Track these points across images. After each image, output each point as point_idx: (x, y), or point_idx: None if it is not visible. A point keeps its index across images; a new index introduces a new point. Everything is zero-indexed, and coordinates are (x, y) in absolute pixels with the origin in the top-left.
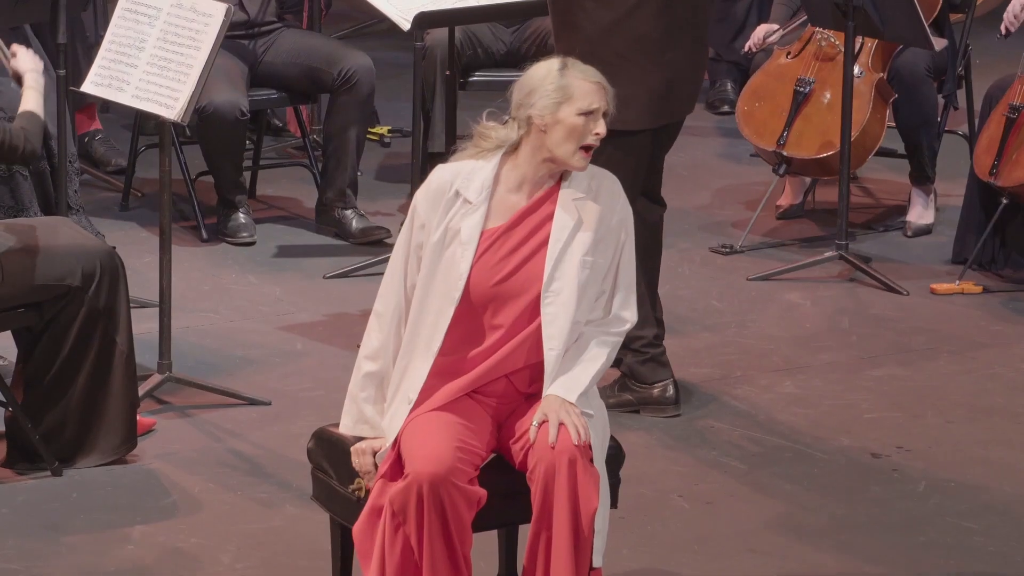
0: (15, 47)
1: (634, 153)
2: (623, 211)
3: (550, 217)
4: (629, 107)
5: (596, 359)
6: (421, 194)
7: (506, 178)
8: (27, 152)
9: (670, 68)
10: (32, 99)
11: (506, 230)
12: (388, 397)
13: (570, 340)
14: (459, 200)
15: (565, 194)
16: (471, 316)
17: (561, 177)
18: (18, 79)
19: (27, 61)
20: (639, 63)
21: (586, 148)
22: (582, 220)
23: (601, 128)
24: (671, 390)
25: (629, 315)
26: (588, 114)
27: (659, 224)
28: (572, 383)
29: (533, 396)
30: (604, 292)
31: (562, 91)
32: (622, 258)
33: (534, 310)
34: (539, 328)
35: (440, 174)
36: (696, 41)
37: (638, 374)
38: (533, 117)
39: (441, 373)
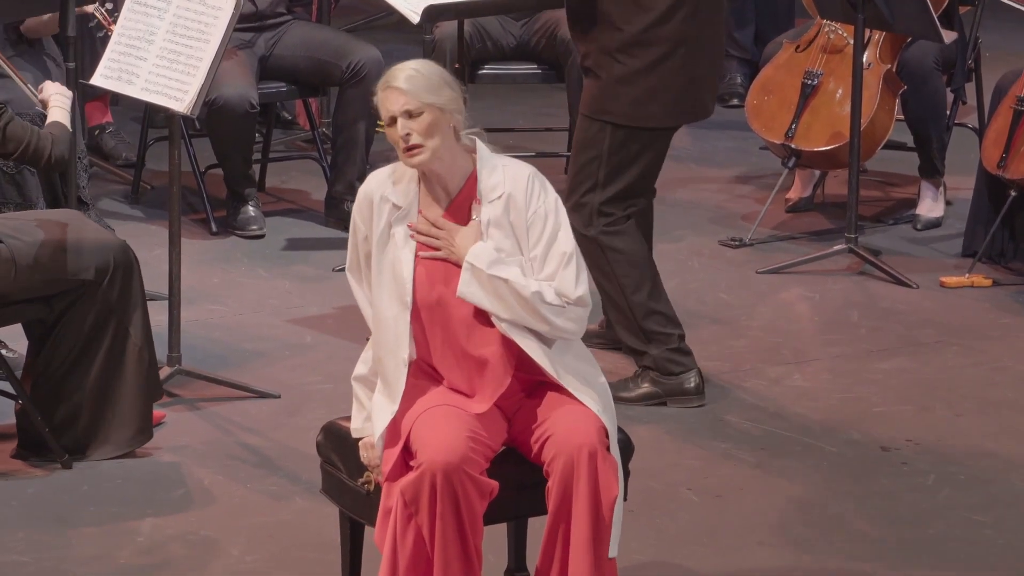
0: (44, 84)
1: (654, 149)
2: (540, 202)
3: (470, 217)
4: (655, 104)
5: (529, 283)
6: (355, 209)
7: (424, 186)
8: (55, 156)
9: (696, 69)
10: (58, 114)
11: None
12: (374, 396)
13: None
14: (388, 205)
15: (481, 195)
16: (429, 322)
17: (476, 177)
18: (44, 104)
19: (51, 87)
20: (669, 64)
21: (405, 150)
22: (497, 219)
23: (399, 131)
24: (696, 379)
25: (573, 292)
26: (391, 123)
27: (650, 210)
28: (493, 259)
29: (542, 384)
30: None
31: (377, 110)
32: (552, 249)
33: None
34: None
35: (367, 186)
36: (717, 43)
37: (662, 366)
38: None
39: (426, 377)
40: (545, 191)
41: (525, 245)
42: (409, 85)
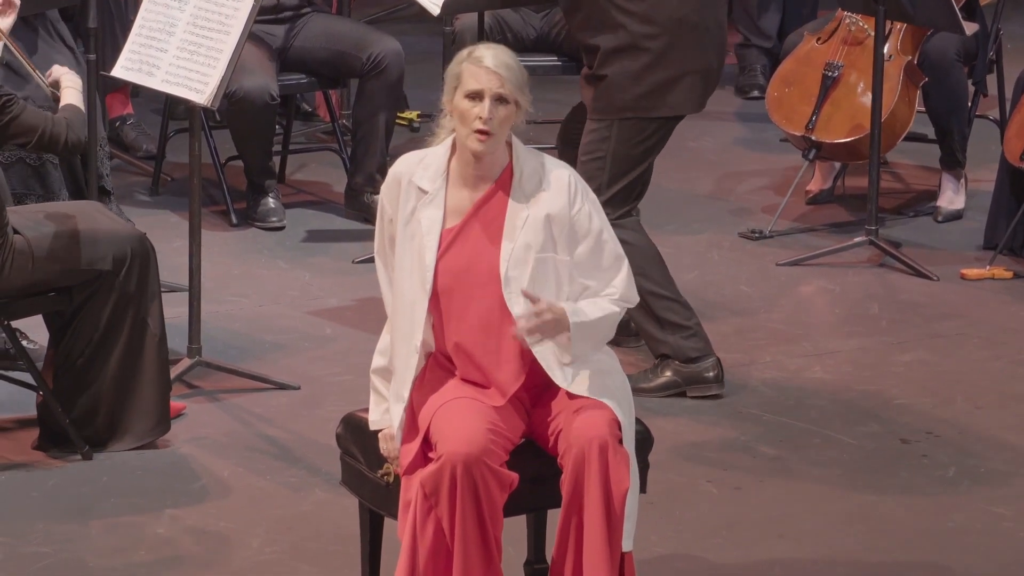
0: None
1: (654, 143)
2: (584, 201)
3: (503, 210)
4: (676, 92)
5: (605, 308)
6: (383, 190)
7: (455, 171)
8: (71, 141)
9: (704, 57)
10: (71, 95)
11: (461, 228)
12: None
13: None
14: (415, 189)
15: (516, 188)
16: (447, 312)
17: (512, 170)
18: (55, 85)
19: (60, 69)
20: (680, 47)
21: (479, 132)
22: (534, 215)
23: (484, 111)
24: (715, 369)
25: (633, 295)
26: (473, 97)
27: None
28: (579, 312)
29: None
30: (589, 287)
31: (456, 78)
32: (602, 247)
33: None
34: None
35: (396, 168)
36: (720, 24)
37: (680, 352)
38: (446, 105)
39: (443, 370)
40: (587, 190)
41: (562, 243)
42: (508, 74)
